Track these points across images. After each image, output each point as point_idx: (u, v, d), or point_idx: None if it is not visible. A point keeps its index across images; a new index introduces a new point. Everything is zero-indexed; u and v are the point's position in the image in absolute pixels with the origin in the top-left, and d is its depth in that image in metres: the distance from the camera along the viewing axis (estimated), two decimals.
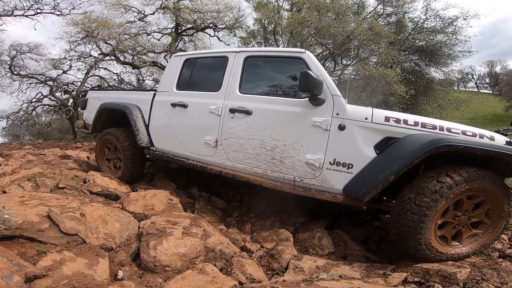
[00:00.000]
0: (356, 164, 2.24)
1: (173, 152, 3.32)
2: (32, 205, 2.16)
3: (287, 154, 2.48)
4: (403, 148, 2.06)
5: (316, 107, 2.39)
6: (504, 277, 1.76)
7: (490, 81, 50.43)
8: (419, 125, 2.20)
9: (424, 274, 1.81)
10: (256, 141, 2.64)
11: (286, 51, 2.79)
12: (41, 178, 3.29)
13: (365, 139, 2.24)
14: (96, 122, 4.05)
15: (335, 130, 2.31)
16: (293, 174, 2.47)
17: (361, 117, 2.28)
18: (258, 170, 2.65)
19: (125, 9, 14.23)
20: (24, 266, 1.36)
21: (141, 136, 3.46)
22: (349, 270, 1.96)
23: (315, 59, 2.57)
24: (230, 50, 3.10)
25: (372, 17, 15.04)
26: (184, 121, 3.18)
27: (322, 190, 2.37)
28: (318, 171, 2.35)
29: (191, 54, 3.48)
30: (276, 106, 2.60)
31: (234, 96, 2.85)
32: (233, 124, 2.78)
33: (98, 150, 4.06)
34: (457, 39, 14.28)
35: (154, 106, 3.52)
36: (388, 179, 2.02)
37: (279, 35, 14.66)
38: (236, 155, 2.77)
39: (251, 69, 2.96)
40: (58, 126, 23.78)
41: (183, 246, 1.88)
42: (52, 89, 15.41)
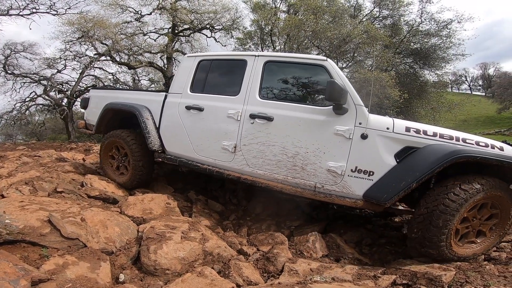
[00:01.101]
0: (376, 171, 2.35)
1: (187, 156, 3.20)
2: (32, 210, 2.20)
3: (309, 161, 2.53)
4: (425, 158, 2.20)
5: (339, 116, 2.46)
6: (488, 279, 1.86)
7: (483, 83, 51.18)
8: (437, 135, 2.33)
9: (412, 277, 1.90)
10: (277, 147, 2.64)
11: (307, 58, 2.76)
12: (38, 182, 3.31)
13: (386, 148, 2.36)
14: (100, 123, 3.86)
15: (357, 139, 2.40)
16: (314, 180, 2.53)
17: (383, 127, 2.39)
18: (279, 176, 2.65)
19: (122, 9, 14.19)
20: (29, 270, 1.41)
21: (152, 139, 3.31)
22: (342, 272, 2.04)
23: (337, 68, 2.60)
24: (248, 53, 3.06)
25: (368, 20, 15.22)
26: (200, 125, 3.08)
27: (342, 196, 2.46)
28: (339, 178, 2.44)
29: (206, 56, 3.37)
30: (298, 114, 2.60)
31: (254, 101, 2.81)
32: (254, 130, 2.75)
33: (103, 153, 3.87)
34: (451, 42, 14.53)
35: (165, 108, 3.38)
36: (410, 186, 2.15)
37: (276, 37, 14.77)
38: (255, 161, 2.75)
39: (270, 74, 2.94)
40: (52, 126, 23.54)
41: (182, 250, 1.95)
42: (46, 89, 15.27)
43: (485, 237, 2.31)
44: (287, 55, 2.97)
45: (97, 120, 3.85)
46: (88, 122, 4.27)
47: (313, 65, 2.71)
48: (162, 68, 16.62)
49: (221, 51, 3.54)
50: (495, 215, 2.28)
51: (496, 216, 2.28)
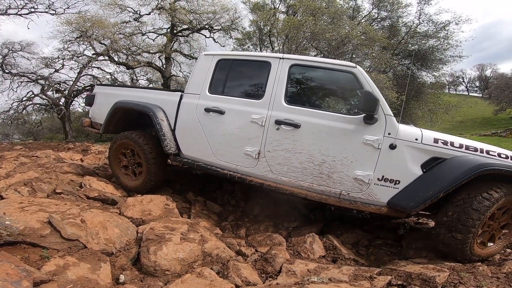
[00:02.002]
0: (403, 180, 2.41)
1: (206, 161, 3.06)
2: (32, 211, 2.22)
3: (335, 169, 2.54)
4: (453, 169, 2.28)
5: (369, 126, 2.46)
6: (481, 280, 1.90)
7: (480, 85, 51.48)
8: (464, 147, 2.42)
9: (407, 278, 1.94)
10: (303, 155, 2.61)
11: (336, 64, 2.70)
12: (37, 183, 3.32)
13: (413, 158, 2.41)
14: (109, 122, 3.65)
15: (386, 148, 2.43)
16: (339, 188, 2.55)
17: (412, 137, 2.44)
18: (304, 183, 2.64)
19: (121, 9, 14.20)
20: (31, 271, 1.43)
21: (168, 142, 3.16)
22: (338, 273, 2.07)
23: (367, 75, 2.57)
24: (272, 55, 2.95)
25: (366, 22, 15.31)
26: (221, 129, 2.95)
27: (367, 203, 2.50)
28: (365, 186, 2.47)
29: (225, 55, 3.19)
30: (326, 122, 2.57)
31: (279, 107, 2.73)
32: (279, 137, 2.69)
33: (112, 155, 3.67)
34: (448, 44, 14.68)
35: (181, 109, 3.21)
36: (438, 195, 2.23)
37: (274, 37, 14.82)
38: (280, 168, 2.70)
39: (296, 78, 2.87)
40: (49, 125, 23.47)
41: (182, 251, 1.98)
42: (44, 88, 15.23)
43: (500, 239, 2.44)
44: (314, 59, 2.86)
45: (106, 119, 3.65)
46: (94, 121, 4.06)
47: (341, 71, 2.65)
48: (160, 68, 16.63)
49: (241, 51, 3.25)
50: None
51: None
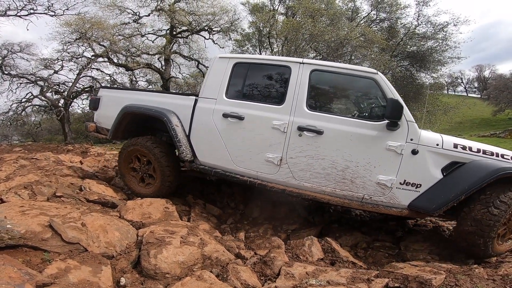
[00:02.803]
0: (424, 184, 2.52)
1: (224, 167, 3.01)
2: (33, 215, 2.23)
3: (358, 174, 2.59)
4: (473, 173, 2.42)
5: (391, 132, 2.53)
6: (477, 283, 1.93)
7: (478, 86, 51.61)
8: (481, 151, 2.55)
9: (404, 280, 1.97)
10: (326, 161, 2.64)
11: (357, 70, 2.74)
12: (37, 186, 3.33)
13: (434, 162, 2.52)
14: (117, 127, 3.50)
15: (408, 154, 2.52)
16: (362, 192, 2.62)
17: (433, 143, 2.54)
18: (327, 189, 2.68)
19: (120, 10, 14.22)
20: (34, 274, 1.45)
21: (183, 149, 3.07)
22: (336, 276, 2.10)
23: (387, 81, 2.62)
24: (292, 59, 2.92)
25: (365, 23, 15.37)
26: (240, 135, 2.89)
27: (389, 206, 2.60)
28: (388, 190, 2.57)
29: (242, 58, 3.14)
30: (350, 128, 2.60)
31: (301, 113, 2.72)
32: (302, 143, 2.69)
33: (122, 163, 3.53)
34: (447, 45, 14.73)
35: (197, 114, 3.11)
36: (459, 198, 2.37)
37: (274, 39, 14.87)
38: (303, 174, 2.71)
39: (317, 83, 2.86)
40: (48, 127, 23.47)
41: (182, 255, 2.00)
42: (43, 89, 15.23)
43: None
44: (335, 64, 2.85)
45: (114, 125, 3.50)
46: (100, 125, 3.88)
47: (362, 77, 2.70)
48: (159, 70, 16.66)
49: (258, 55, 3.14)
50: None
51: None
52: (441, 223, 3.84)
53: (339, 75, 2.79)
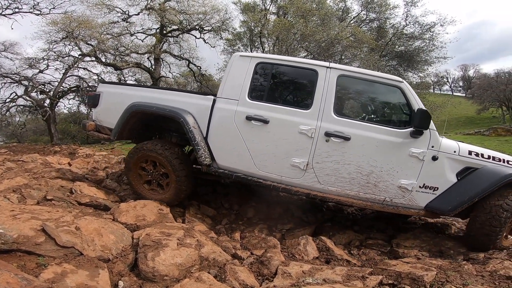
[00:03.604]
0: (440, 187, 2.74)
1: (246, 171, 2.92)
2: (24, 219, 2.19)
3: (382, 179, 2.72)
4: (485, 177, 2.67)
5: (415, 139, 2.68)
6: (466, 279, 2.00)
7: (463, 85, 53.01)
8: (491, 158, 2.80)
9: (397, 277, 2.03)
10: (352, 166, 2.72)
11: (383, 77, 2.81)
12: (26, 189, 3.27)
13: (451, 167, 2.74)
14: (123, 127, 3.22)
15: (429, 160, 2.70)
16: (384, 195, 2.76)
17: (451, 150, 2.75)
18: (351, 192, 2.77)
19: (109, 9, 13.97)
20: (31, 280, 1.43)
21: (202, 152, 2.91)
22: (332, 274, 2.14)
23: (412, 90, 2.76)
24: (319, 63, 2.91)
25: (355, 23, 15.59)
26: (265, 139, 2.83)
27: (407, 207, 2.79)
28: (408, 193, 2.74)
29: (265, 58, 3.03)
30: (376, 135, 2.70)
31: (329, 118, 2.74)
32: (328, 148, 2.73)
33: (131, 169, 3.28)
34: (434, 45, 15.13)
35: (216, 115, 2.96)
36: (473, 200, 2.60)
37: (265, 38, 14.90)
38: (328, 179, 2.77)
39: (343, 89, 2.92)
40: (33, 127, 22.88)
41: (179, 257, 2.00)
42: (27, 89, 14.83)
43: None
44: (361, 71, 2.88)
45: (120, 124, 3.21)
46: (101, 124, 3.54)
47: (388, 84, 2.80)
48: (149, 69, 16.45)
49: (280, 55, 3.05)
50: None
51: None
52: (430, 221, 3.96)
53: (365, 82, 2.86)
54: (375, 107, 3.13)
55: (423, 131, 2.64)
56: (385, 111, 3.13)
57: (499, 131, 16.71)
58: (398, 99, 2.90)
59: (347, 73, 2.82)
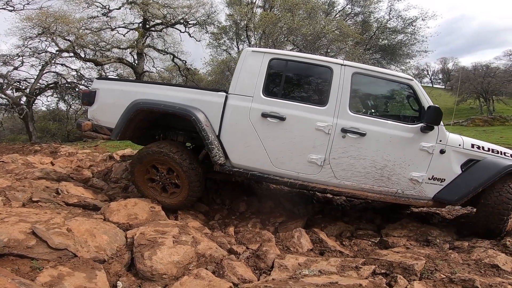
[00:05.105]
0: (447, 178, 2.92)
1: (262, 169, 2.90)
2: (12, 222, 2.12)
3: (394, 172, 2.86)
4: (488, 168, 2.86)
5: (425, 134, 2.83)
6: (453, 267, 2.11)
7: (443, 77, 54.62)
8: (491, 150, 3.01)
9: (389, 266, 2.11)
10: (367, 161, 2.82)
11: (395, 75, 2.96)
12: (10, 191, 3.15)
13: (456, 160, 2.93)
14: (127, 127, 3.04)
15: (437, 153, 2.88)
16: (396, 187, 2.90)
17: (457, 143, 2.93)
18: (365, 186, 2.88)
19: (88, 4, 13.41)
20: (29, 284, 1.39)
21: (216, 151, 2.83)
22: (327, 265, 2.20)
23: (421, 87, 2.90)
24: (333, 60, 2.96)
25: (340, 17, 15.74)
26: (281, 136, 2.82)
27: (417, 198, 2.95)
28: (418, 184, 2.90)
29: (278, 54, 2.98)
30: (389, 130, 2.82)
31: (345, 115, 2.82)
32: (345, 144, 2.81)
33: (137, 173, 3.15)
34: (415, 39, 15.54)
35: (229, 113, 2.89)
36: (478, 189, 2.79)
37: (251, 32, 14.78)
38: (344, 174, 2.85)
39: (358, 86, 2.99)
40: (10, 126, 21.88)
41: (177, 254, 1.99)
42: (2, 87, 14.11)
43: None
44: (374, 68, 2.98)
45: (122, 123, 3.02)
46: (98, 124, 3.30)
47: (399, 82, 2.94)
48: (132, 64, 16.02)
49: (294, 52, 2.94)
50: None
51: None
52: (415, 210, 4.12)
53: (378, 79, 2.97)
54: (387, 103, 3.29)
55: (434, 126, 2.78)
56: (397, 107, 3.31)
57: (477, 122, 17.47)
58: (408, 96, 3.09)
59: (361, 70, 2.91)
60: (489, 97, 31.54)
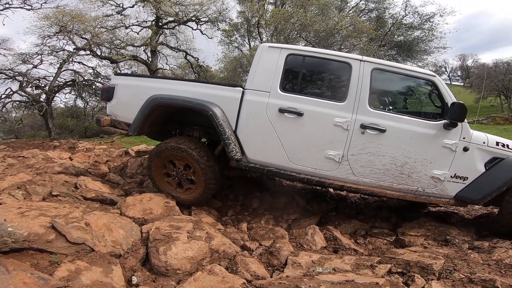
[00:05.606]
0: (470, 177, 2.84)
1: (279, 165, 2.89)
2: (33, 216, 2.18)
3: (415, 169, 2.80)
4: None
5: (448, 131, 2.77)
6: (473, 267, 2.04)
7: (462, 74, 52.79)
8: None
9: (406, 265, 2.05)
10: (387, 157, 2.78)
11: (417, 71, 2.91)
12: (31, 185, 3.25)
13: (480, 158, 2.85)
14: (144, 122, 3.08)
15: (460, 151, 2.80)
16: (416, 185, 2.84)
17: (481, 141, 2.85)
18: (384, 183, 2.84)
19: (102, 2, 13.67)
20: (47, 279, 1.43)
21: (233, 147, 2.83)
22: (341, 263, 2.17)
23: (444, 84, 2.85)
24: (351, 56, 2.93)
25: (354, 13, 15.41)
26: (299, 132, 2.81)
27: (439, 197, 2.89)
28: (439, 183, 2.84)
29: (295, 50, 2.98)
30: (410, 127, 2.76)
31: (364, 111, 2.78)
32: (364, 140, 2.77)
33: (154, 169, 3.18)
34: (433, 35, 15.01)
35: (246, 108, 2.88)
36: (502, 188, 2.72)
37: (262, 28, 14.70)
38: (363, 170, 2.82)
39: (377, 82, 2.94)
40: (30, 123, 22.70)
41: (191, 250, 2.01)
42: (22, 84, 14.63)
43: None
44: (395, 65, 2.93)
45: (140, 118, 3.06)
46: (117, 119, 3.35)
47: (422, 78, 2.89)
48: (146, 62, 16.26)
49: (311, 47, 2.98)
50: None
51: None
52: (433, 210, 4.00)
53: (398, 75, 2.91)
54: (408, 100, 3.22)
55: (458, 123, 2.71)
56: (418, 104, 3.25)
57: (498, 120, 16.80)
58: (430, 93, 3.02)
59: (380, 66, 2.86)
60: (510, 94, 30.29)
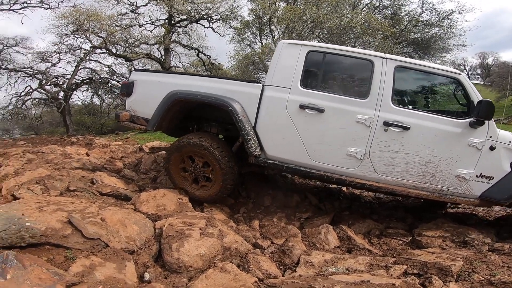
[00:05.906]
0: (496, 176, 2.79)
1: (298, 162, 2.87)
2: (50, 211, 2.22)
3: (440, 168, 2.76)
4: None
5: (474, 129, 2.72)
6: (493, 269, 1.96)
7: (481, 72, 50.94)
8: None
9: (422, 267, 1.99)
10: (411, 156, 2.75)
11: (442, 69, 2.87)
12: (49, 180, 3.33)
13: (506, 157, 2.80)
14: (163, 117, 3.09)
15: (486, 150, 2.75)
16: (441, 184, 2.80)
17: (507, 140, 2.80)
18: (407, 182, 2.80)
19: (117, 1, 13.91)
20: (62, 274, 1.46)
21: (252, 143, 2.82)
22: (355, 263, 2.12)
23: (470, 81, 2.81)
24: (374, 53, 2.90)
25: (368, 10, 15.06)
26: (320, 129, 2.79)
27: (463, 196, 2.84)
28: (465, 182, 2.79)
29: (316, 46, 2.97)
30: (435, 125, 2.73)
31: (387, 108, 2.75)
32: (387, 138, 2.74)
33: (172, 165, 3.21)
34: (452, 33, 14.47)
35: (265, 104, 2.87)
36: None
37: (274, 26, 14.57)
38: (385, 168, 2.79)
39: (401, 80, 2.92)
40: (49, 119, 23.40)
41: (203, 247, 2.01)
42: (41, 82, 15.10)
43: None
44: (419, 62, 2.92)
45: (159, 114, 3.08)
46: (136, 114, 3.38)
47: (446, 76, 2.85)
48: (159, 60, 16.45)
49: (332, 45, 2.97)
50: None
51: None
52: (450, 210, 3.87)
53: (422, 73, 2.88)
54: (432, 97, 3.19)
55: (484, 121, 2.67)
56: (443, 101, 3.20)
57: None
58: (456, 91, 3.01)
59: (404, 64, 2.82)
60: None
